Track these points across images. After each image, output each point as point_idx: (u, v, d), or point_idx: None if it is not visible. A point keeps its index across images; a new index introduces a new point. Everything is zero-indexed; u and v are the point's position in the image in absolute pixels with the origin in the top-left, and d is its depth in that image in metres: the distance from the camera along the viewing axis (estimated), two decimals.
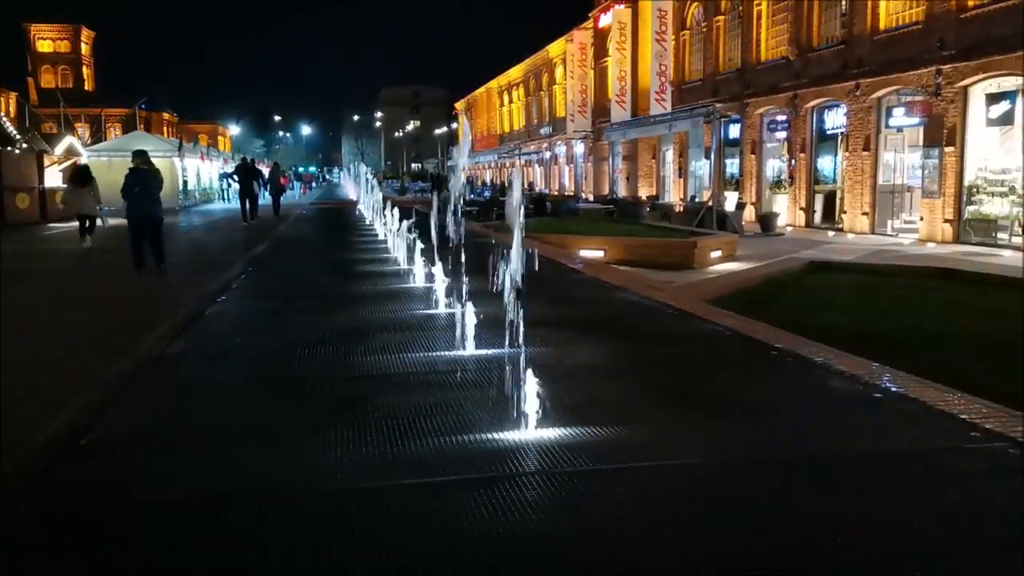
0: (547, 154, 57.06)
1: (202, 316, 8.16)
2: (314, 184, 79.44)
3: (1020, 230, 17.28)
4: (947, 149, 19.48)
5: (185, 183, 37.45)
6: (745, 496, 3.60)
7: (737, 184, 29.40)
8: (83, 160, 35.08)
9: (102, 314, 9.52)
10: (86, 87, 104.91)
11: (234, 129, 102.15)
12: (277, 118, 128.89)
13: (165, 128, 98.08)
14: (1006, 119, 18.28)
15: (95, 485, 3.74)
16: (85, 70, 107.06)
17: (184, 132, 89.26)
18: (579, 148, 48.41)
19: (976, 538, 3.19)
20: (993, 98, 18.65)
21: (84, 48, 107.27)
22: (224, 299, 9.26)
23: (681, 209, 26.35)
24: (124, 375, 5.76)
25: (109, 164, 34.90)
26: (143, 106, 76.74)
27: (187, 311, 8.40)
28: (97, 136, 60.67)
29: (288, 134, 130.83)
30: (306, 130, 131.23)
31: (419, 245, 10.47)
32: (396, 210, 13.73)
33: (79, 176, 17.65)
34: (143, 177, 13.14)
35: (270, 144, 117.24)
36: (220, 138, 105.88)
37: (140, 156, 13.56)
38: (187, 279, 11.94)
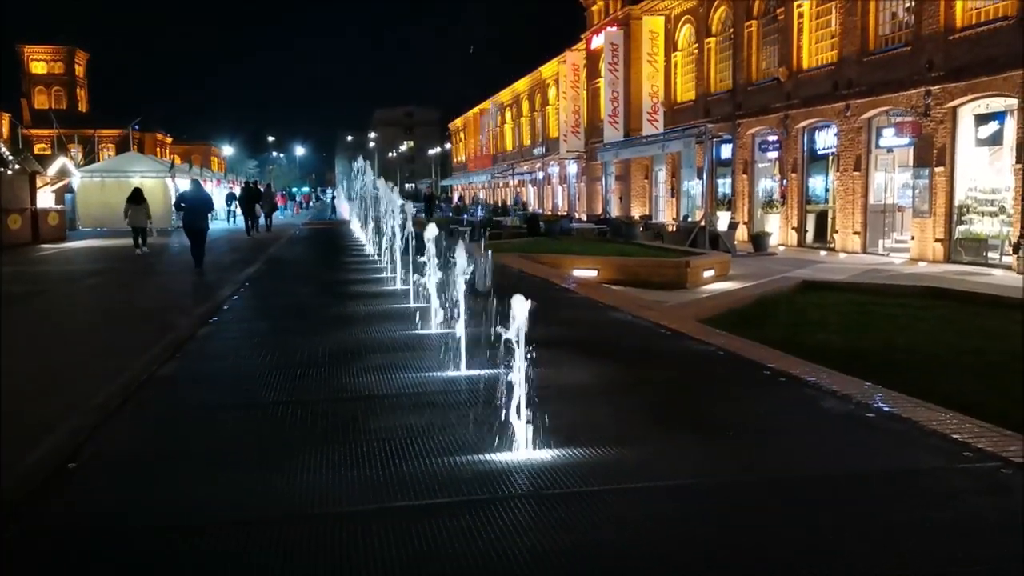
0: (540, 174, 57.28)
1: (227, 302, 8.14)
2: (309, 204, 79.53)
3: (1010, 249, 17.37)
4: (937, 169, 19.62)
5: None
6: (737, 518, 3.58)
7: (729, 204, 29.53)
8: (76, 179, 35.08)
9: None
10: (80, 108, 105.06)
11: (228, 150, 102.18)
12: (271, 139, 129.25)
13: (158, 149, 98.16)
14: (995, 139, 18.44)
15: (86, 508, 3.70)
16: (79, 91, 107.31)
17: (177, 153, 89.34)
18: (572, 168, 48.61)
19: (968, 558, 3.17)
20: (982, 119, 18.83)
21: (78, 69, 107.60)
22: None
23: (674, 229, 26.45)
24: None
25: (102, 184, 34.95)
26: (136, 127, 76.82)
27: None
28: (90, 157, 60.63)
29: (282, 154, 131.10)
30: (300, 150, 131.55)
31: (411, 264, 10.46)
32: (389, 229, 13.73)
33: (133, 196, 22.16)
34: (192, 196, 17.28)
35: (263, 165, 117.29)
36: (214, 159, 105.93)
37: (194, 184, 18.59)
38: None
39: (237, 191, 39.09)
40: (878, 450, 4.52)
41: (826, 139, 24.77)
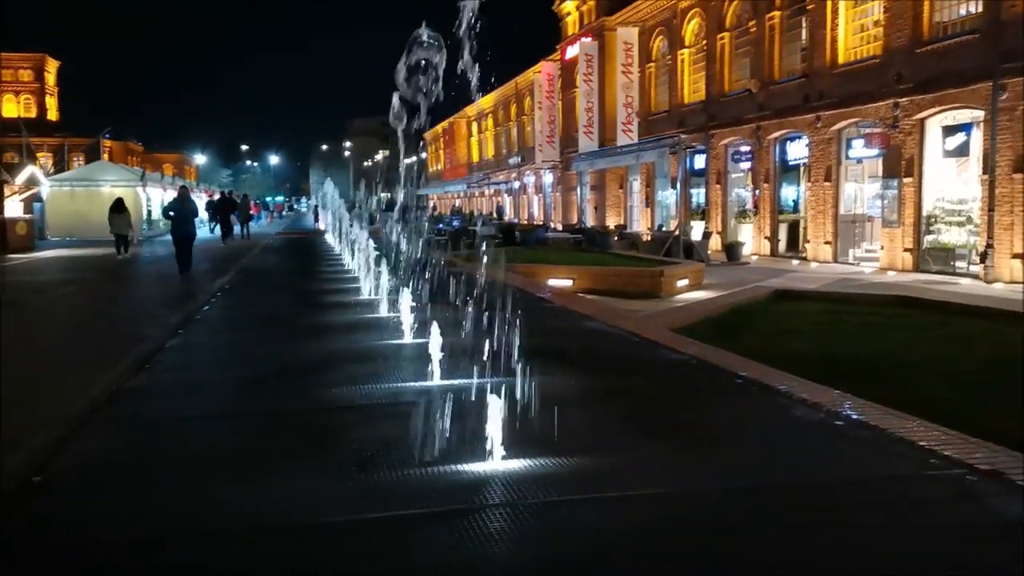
0: (516, 183, 57.39)
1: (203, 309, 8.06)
2: (283, 213, 79.13)
3: (977, 259, 17.67)
4: (905, 180, 19.92)
5: (149, 213, 37.06)
6: (709, 527, 3.61)
7: (703, 214, 29.78)
8: (45, 188, 34.61)
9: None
10: (50, 116, 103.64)
11: (200, 159, 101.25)
12: (244, 147, 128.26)
13: (130, 158, 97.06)
14: (962, 151, 18.76)
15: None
16: (49, 99, 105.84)
17: (150, 162, 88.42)
18: (548, 178, 48.75)
19: (936, 565, 3.22)
20: (949, 130, 19.16)
21: (49, 77, 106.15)
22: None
23: (648, 238, 26.59)
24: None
25: (72, 193, 34.49)
26: (108, 135, 75.94)
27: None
28: (60, 166, 59.82)
29: (256, 164, 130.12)
30: (274, 159, 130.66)
31: (387, 274, 10.44)
32: (365, 239, 13.70)
33: (116, 206, 23.78)
34: (180, 205, 17.94)
35: (237, 174, 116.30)
36: (186, 168, 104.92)
37: (181, 191, 19.09)
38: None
39: (207, 200, 39.67)
40: (847, 458, 4.58)
41: (797, 150, 25.07)
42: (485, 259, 13.06)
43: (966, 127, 18.57)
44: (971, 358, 8.29)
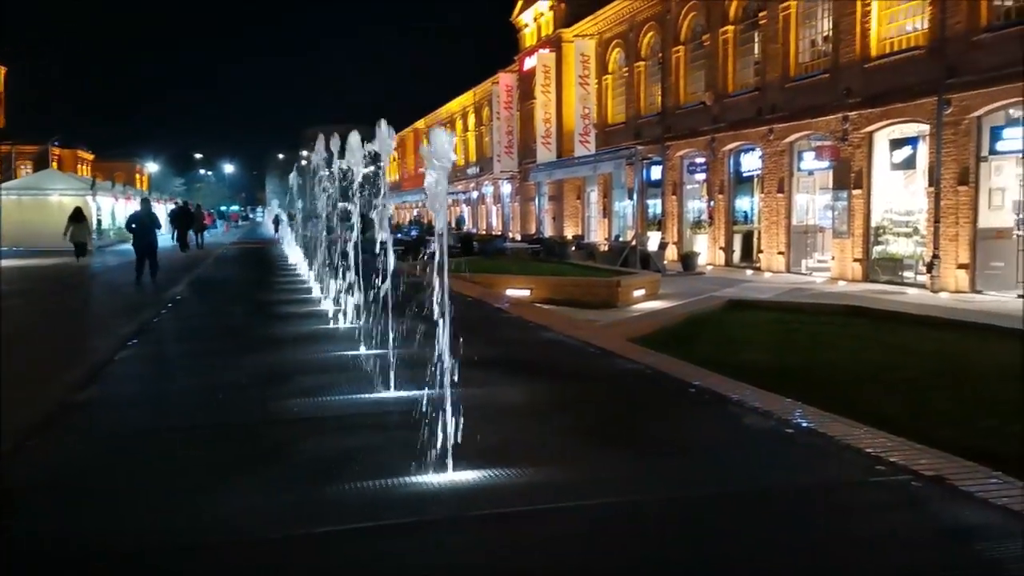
0: (475, 194, 57.43)
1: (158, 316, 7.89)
2: (239, 222, 78.20)
3: (924, 268, 18.12)
4: (855, 192, 20.37)
5: (99, 222, 36.33)
6: (662, 536, 3.63)
7: (659, 224, 30.08)
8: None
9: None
10: None
11: (153, 167, 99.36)
12: (198, 156, 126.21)
13: (80, 166, 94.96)
14: (908, 163, 19.24)
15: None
16: None
17: (100, 170, 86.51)
18: (506, 188, 48.87)
19: (882, 570, 3.29)
20: (896, 143, 19.64)
21: None
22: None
23: (606, 249, 26.79)
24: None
25: (19, 202, 33.66)
26: (57, 143, 74.26)
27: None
28: (7, 174, 58.30)
29: (210, 172, 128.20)
30: (229, 168, 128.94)
31: (344, 285, 10.35)
32: (321, 249, 13.58)
33: (75, 215, 25.31)
34: (143, 216, 18.54)
35: (191, 183, 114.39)
36: (138, 176, 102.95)
37: (144, 204, 20.23)
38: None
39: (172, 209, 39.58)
40: (798, 465, 4.65)
41: (751, 162, 25.48)
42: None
43: (912, 140, 19.06)
44: (917, 366, 8.49)
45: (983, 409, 6.58)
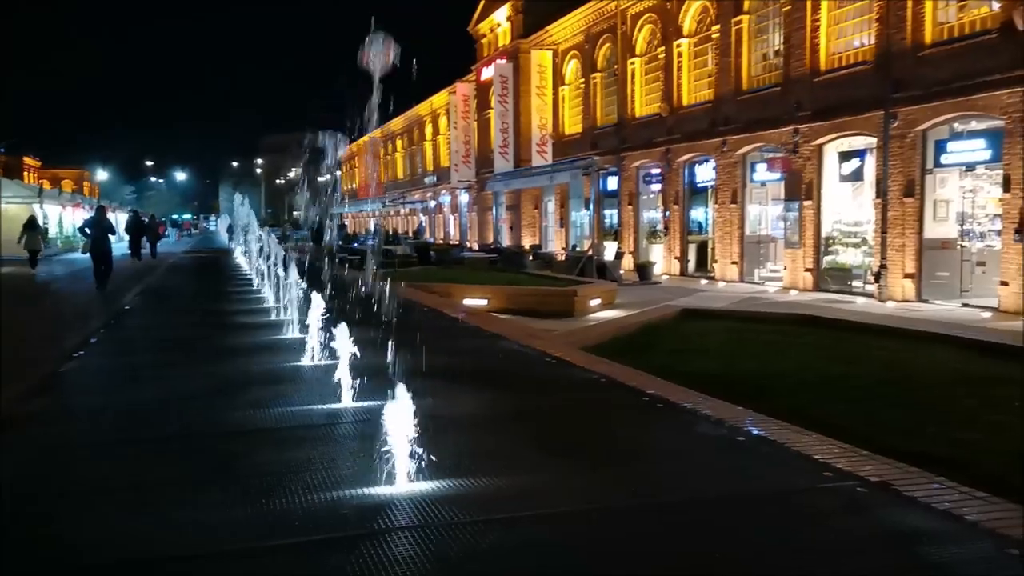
0: (432, 203, 57.30)
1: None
2: (192, 231, 77.00)
3: (872, 278, 18.53)
4: (805, 203, 20.79)
5: (46, 231, 35.45)
6: (616, 544, 3.65)
7: (616, 234, 30.34)
8: None
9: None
10: None
11: (102, 175, 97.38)
12: (149, 163, 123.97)
13: (27, 173, 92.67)
14: (857, 175, 19.71)
15: None
16: None
17: (48, 178, 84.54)
18: (464, 197, 48.87)
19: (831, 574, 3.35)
20: (845, 156, 20.11)
21: None
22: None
23: (563, 258, 26.93)
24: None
25: None
26: (2, 150, 72.40)
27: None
28: None
29: (161, 180, 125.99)
30: (181, 176, 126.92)
31: (298, 294, 10.25)
32: (275, 259, 13.44)
33: (30, 223, 26.76)
34: (97, 222, 19.10)
35: (141, 191, 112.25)
36: (87, 184, 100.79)
37: (99, 211, 20.35)
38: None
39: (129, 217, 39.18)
40: (748, 472, 4.72)
41: (705, 173, 25.85)
42: (401, 279, 13.05)
43: (860, 153, 19.52)
44: (864, 374, 8.67)
45: (929, 416, 6.75)
